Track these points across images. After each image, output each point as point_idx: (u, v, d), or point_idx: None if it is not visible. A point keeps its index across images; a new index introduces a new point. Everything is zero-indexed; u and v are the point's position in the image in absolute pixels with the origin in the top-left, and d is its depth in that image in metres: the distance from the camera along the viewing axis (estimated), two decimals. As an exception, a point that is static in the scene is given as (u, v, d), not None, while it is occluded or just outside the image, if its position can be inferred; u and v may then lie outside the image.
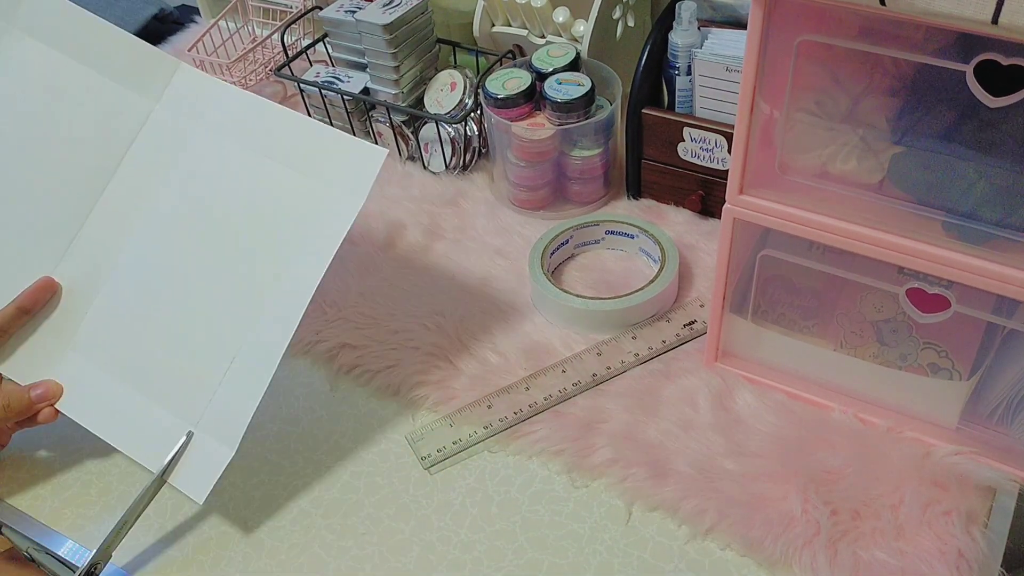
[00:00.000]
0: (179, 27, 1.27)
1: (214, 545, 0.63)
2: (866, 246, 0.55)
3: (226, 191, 0.64)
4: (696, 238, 0.83)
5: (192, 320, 0.63)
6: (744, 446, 0.65)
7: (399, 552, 0.62)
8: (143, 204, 0.66)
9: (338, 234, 0.60)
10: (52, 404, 0.64)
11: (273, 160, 0.63)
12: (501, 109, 0.83)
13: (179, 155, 0.66)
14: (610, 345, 0.73)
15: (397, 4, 0.89)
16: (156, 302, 0.64)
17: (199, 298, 0.64)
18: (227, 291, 0.63)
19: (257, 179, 0.64)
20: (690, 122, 0.78)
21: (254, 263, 0.63)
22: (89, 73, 0.68)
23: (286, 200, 0.63)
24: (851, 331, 0.67)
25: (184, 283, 0.64)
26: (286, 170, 0.63)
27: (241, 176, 0.64)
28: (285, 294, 0.61)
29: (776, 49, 0.51)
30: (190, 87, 0.67)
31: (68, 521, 0.65)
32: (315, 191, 0.62)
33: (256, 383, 0.60)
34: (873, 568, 0.57)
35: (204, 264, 0.64)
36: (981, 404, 0.63)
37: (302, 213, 0.62)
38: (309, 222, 0.61)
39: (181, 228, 0.65)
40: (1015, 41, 0.42)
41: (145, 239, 0.66)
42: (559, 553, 0.61)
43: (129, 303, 0.65)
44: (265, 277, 0.62)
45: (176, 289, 0.64)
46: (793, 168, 0.57)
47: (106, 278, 0.66)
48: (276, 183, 0.63)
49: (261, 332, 0.61)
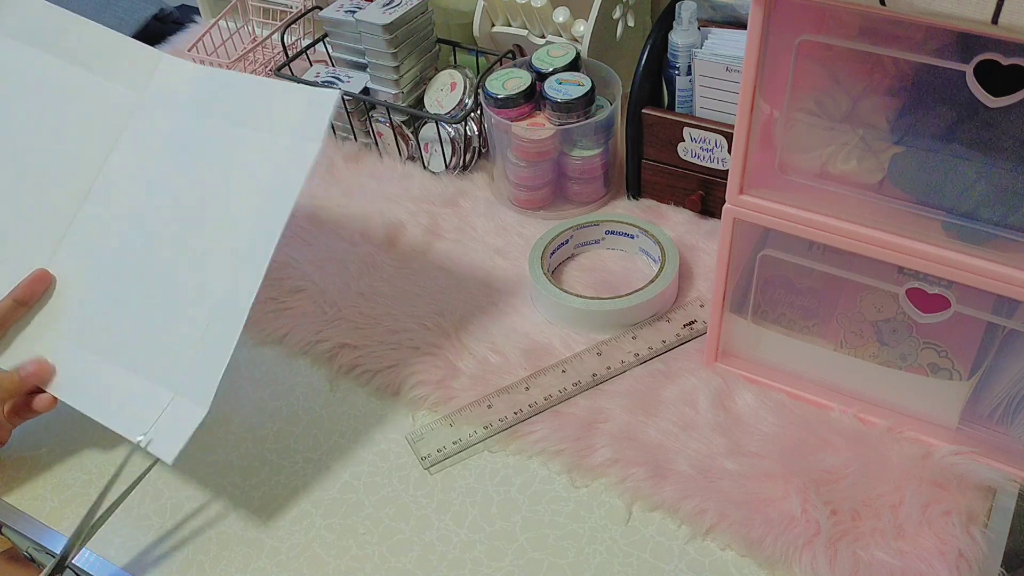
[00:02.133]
0: (179, 27, 1.28)
1: (214, 545, 0.63)
2: (866, 246, 0.55)
3: (187, 162, 0.66)
4: (696, 238, 0.83)
5: (165, 289, 0.64)
6: (744, 446, 0.65)
7: (399, 552, 0.62)
8: (127, 191, 0.68)
9: (295, 183, 0.60)
10: (44, 383, 0.64)
11: (227, 121, 0.65)
12: (501, 109, 0.83)
13: (154, 139, 0.68)
14: (610, 345, 0.73)
15: (397, 4, 0.89)
16: (132, 278, 0.66)
17: (169, 266, 0.65)
18: (194, 257, 0.64)
19: (212, 144, 0.66)
20: (690, 122, 0.78)
21: (217, 225, 0.64)
22: (74, 70, 0.70)
23: (240, 158, 0.64)
24: (851, 331, 0.67)
25: (156, 255, 0.65)
26: (239, 128, 0.65)
27: (199, 145, 0.66)
28: (247, 250, 0.61)
29: (776, 49, 0.51)
30: (171, 75, 0.69)
31: (68, 521, 0.65)
32: (267, 144, 0.63)
33: (224, 340, 0.60)
34: (873, 568, 0.57)
35: (172, 234, 0.65)
36: (981, 404, 0.63)
37: (256, 168, 0.63)
38: (265, 176, 0.62)
39: (152, 205, 0.67)
40: (1015, 41, 0.42)
41: (125, 222, 0.67)
42: (559, 553, 0.61)
43: (109, 282, 0.66)
44: (227, 236, 0.63)
45: (149, 262, 0.65)
46: (793, 168, 0.57)
47: (92, 264, 0.67)
48: (230, 144, 0.65)
49: (227, 291, 0.62)
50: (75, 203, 0.68)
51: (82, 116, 0.70)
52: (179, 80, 0.68)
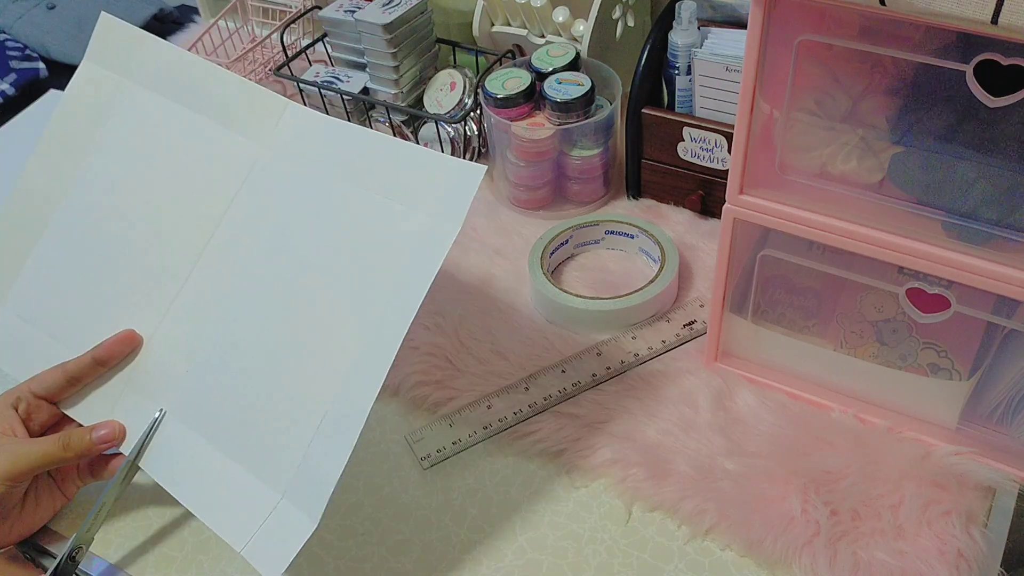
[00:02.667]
0: (178, 27, 1.28)
1: (214, 545, 0.63)
2: (866, 246, 0.55)
3: (312, 228, 0.59)
4: (696, 238, 0.83)
5: (283, 376, 0.57)
6: (744, 446, 0.65)
7: (399, 552, 0.62)
8: (243, 254, 0.61)
9: (429, 268, 0.53)
10: (116, 446, 0.61)
11: (360, 187, 0.58)
12: (501, 109, 0.83)
13: (275, 199, 0.61)
14: (610, 345, 0.73)
15: (397, 4, 0.89)
16: (247, 355, 0.59)
17: (290, 352, 0.58)
18: (318, 342, 0.57)
19: (342, 211, 0.58)
20: (690, 122, 0.78)
21: (343, 305, 0.57)
22: (200, 120, 0.65)
23: (372, 231, 0.57)
24: (851, 331, 0.67)
25: (275, 335, 0.58)
26: (373, 196, 0.57)
27: (327, 209, 0.59)
28: (373, 342, 0.54)
29: (776, 49, 0.51)
30: (298, 126, 0.62)
31: (68, 521, 0.65)
32: (403, 218, 0.56)
33: (341, 446, 0.53)
34: (873, 568, 0.57)
35: (291, 309, 0.58)
36: (981, 404, 0.63)
37: (390, 246, 0.56)
38: (398, 256, 0.55)
39: (270, 271, 0.60)
40: (1015, 41, 0.42)
41: (239, 290, 0.61)
42: (559, 553, 0.61)
43: (223, 359, 0.60)
44: (355, 323, 0.56)
45: (266, 341, 0.58)
46: (793, 168, 0.57)
47: (201, 335, 0.61)
48: (362, 213, 0.58)
49: (347, 391, 0.55)
50: (189, 263, 0.63)
51: (200, 169, 0.64)
52: (307, 132, 0.61)
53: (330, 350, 0.56)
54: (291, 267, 0.59)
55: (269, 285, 0.60)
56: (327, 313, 0.57)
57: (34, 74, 1.15)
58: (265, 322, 0.59)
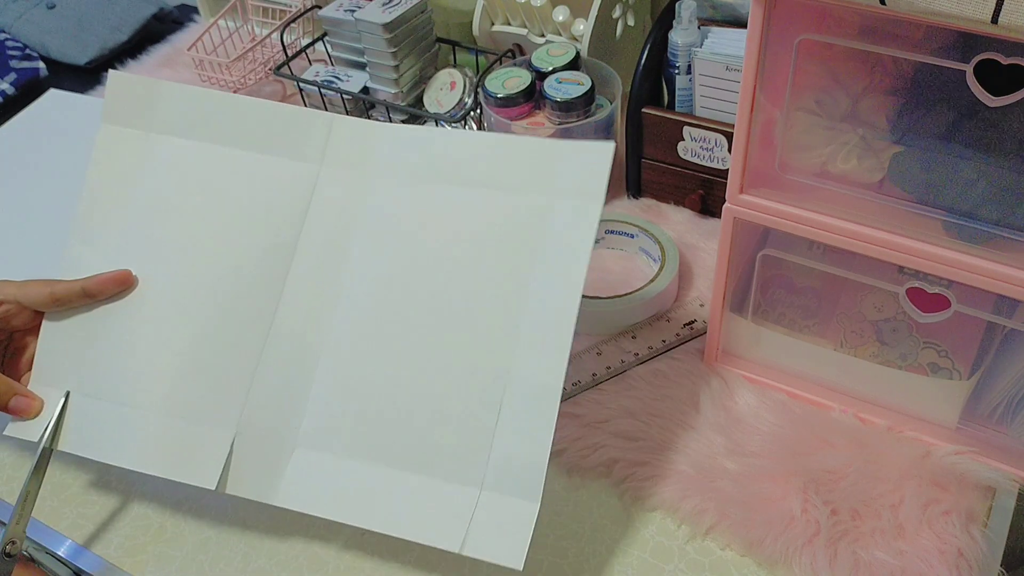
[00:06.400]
0: (178, 26, 1.28)
1: (214, 545, 0.63)
2: (866, 245, 0.55)
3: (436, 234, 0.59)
4: (696, 238, 0.83)
5: (437, 378, 0.57)
6: (744, 446, 0.65)
7: (399, 552, 0.62)
8: (337, 273, 0.60)
9: (583, 247, 0.55)
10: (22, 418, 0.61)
11: (477, 187, 0.58)
12: (501, 108, 0.83)
13: (361, 211, 0.60)
14: (610, 345, 0.73)
15: (397, 3, 0.89)
16: (389, 368, 0.58)
17: (436, 354, 0.57)
18: (467, 338, 0.57)
19: (467, 212, 0.58)
20: (690, 121, 0.78)
21: (492, 301, 0.57)
22: (242, 155, 0.63)
23: (509, 226, 0.57)
24: (851, 331, 0.67)
25: (416, 341, 0.58)
26: (498, 193, 0.58)
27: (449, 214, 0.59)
28: (542, 326, 0.55)
29: (776, 48, 0.51)
30: (350, 138, 0.61)
31: (68, 521, 0.65)
32: (541, 207, 0.56)
33: (542, 427, 0.54)
34: (873, 568, 0.57)
35: (435, 317, 0.58)
36: (981, 404, 0.63)
37: (531, 235, 0.56)
38: (544, 243, 0.56)
39: (396, 285, 0.59)
40: (1015, 41, 0.42)
41: (355, 308, 0.59)
42: (559, 553, 0.61)
43: (357, 378, 0.58)
44: (510, 313, 0.56)
45: (409, 349, 0.58)
46: (793, 167, 0.57)
47: (317, 361, 0.59)
48: (491, 210, 0.58)
49: (528, 372, 0.55)
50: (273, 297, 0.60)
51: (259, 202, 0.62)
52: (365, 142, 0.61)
53: (491, 346, 0.56)
54: (426, 277, 0.58)
55: (405, 302, 0.58)
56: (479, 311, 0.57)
57: (34, 73, 1.15)
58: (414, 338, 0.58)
